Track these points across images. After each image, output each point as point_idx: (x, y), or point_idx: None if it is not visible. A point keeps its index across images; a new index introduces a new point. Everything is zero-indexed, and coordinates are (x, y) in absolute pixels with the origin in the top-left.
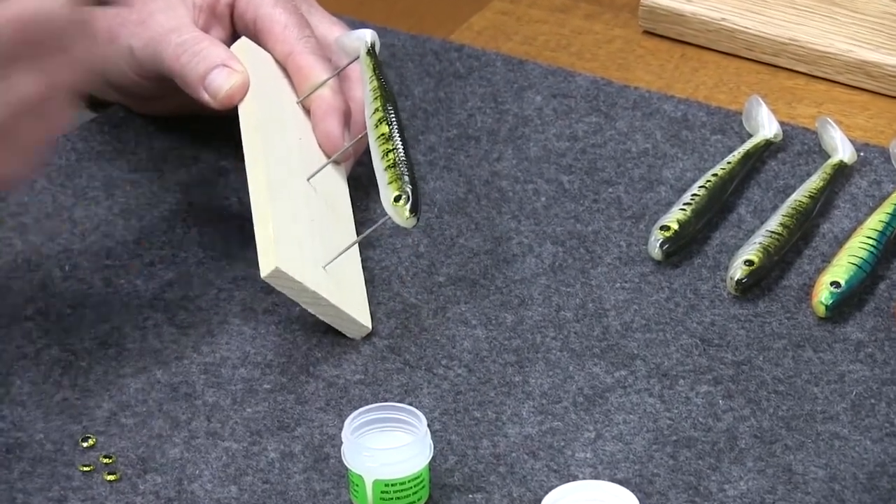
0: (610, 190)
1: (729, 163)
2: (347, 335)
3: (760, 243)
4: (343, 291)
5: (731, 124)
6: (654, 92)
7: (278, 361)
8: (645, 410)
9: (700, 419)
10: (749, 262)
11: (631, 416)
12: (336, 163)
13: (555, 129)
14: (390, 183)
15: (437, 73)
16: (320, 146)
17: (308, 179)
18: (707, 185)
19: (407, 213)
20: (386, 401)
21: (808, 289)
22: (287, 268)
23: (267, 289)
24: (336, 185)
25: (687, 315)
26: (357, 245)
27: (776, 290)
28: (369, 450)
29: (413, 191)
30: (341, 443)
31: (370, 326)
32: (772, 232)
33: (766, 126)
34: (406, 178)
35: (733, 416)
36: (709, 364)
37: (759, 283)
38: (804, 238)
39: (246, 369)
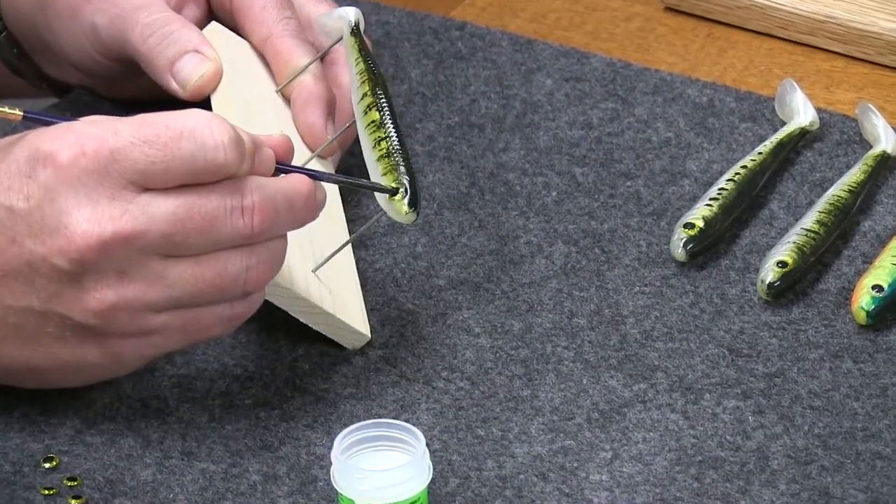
0: (628, 184)
1: (760, 153)
2: (344, 346)
3: (795, 243)
4: (338, 298)
5: (763, 111)
6: (676, 75)
7: (260, 373)
8: (667, 428)
9: (728, 437)
10: (782, 264)
11: (651, 433)
12: (321, 157)
13: (567, 116)
14: (384, 174)
15: (436, 53)
16: (302, 139)
17: None
18: (736, 179)
19: (405, 208)
20: (380, 417)
21: (847, 293)
22: (281, 277)
23: None
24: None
25: (713, 322)
26: (350, 246)
27: (812, 294)
28: (362, 471)
29: (411, 182)
30: (330, 464)
31: (369, 335)
32: (807, 230)
33: (801, 113)
34: (402, 169)
35: (764, 434)
36: (737, 376)
37: (793, 286)
38: (843, 237)
39: (224, 382)
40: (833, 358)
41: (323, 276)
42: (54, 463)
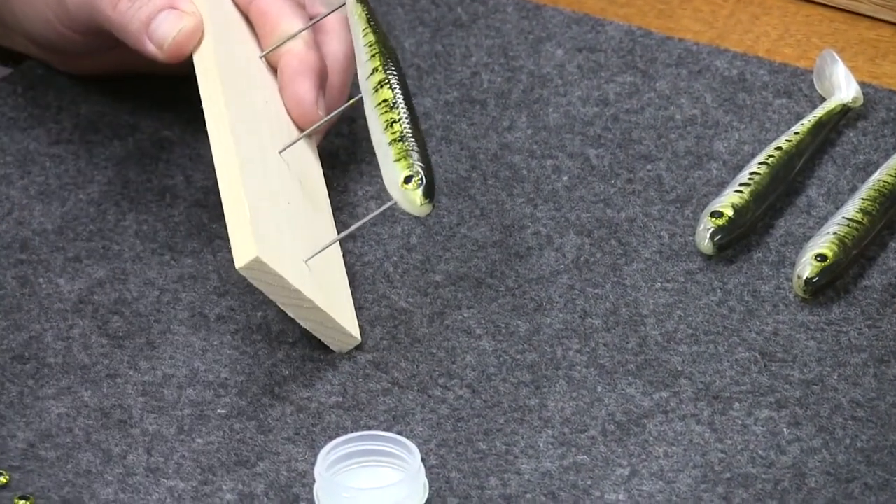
0: (648, 167)
1: (797, 133)
2: (331, 347)
3: (835, 234)
4: (328, 293)
5: (800, 85)
6: (703, 45)
7: (235, 380)
8: (691, 441)
9: (760, 452)
10: (821, 258)
11: (674, 448)
12: (308, 137)
13: (580, 90)
14: (397, 160)
15: (433, 20)
16: (289, 113)
17: (280, 153)
18: (769, 162)
19: (420, 198)
20: (370, 429)
21: (894, 290)
22: (269, 258)
23: (220, 290)
24: (308, 162)
25: (743, 323)
26: (337, 242)
27: (854, 291)
28: (349, 490)
29: (426, 170)
30: (314, 481)
31: (359, 337)
32: (849, 220)
33: (842, 87)
34: (416, 155)
35: (801, 449)
36: (771, 384)
37: (833, 283)
38: (890, 227)
39: (195, 390)
40: (878, 363)
41: (314, 267)
42: (4, 480)
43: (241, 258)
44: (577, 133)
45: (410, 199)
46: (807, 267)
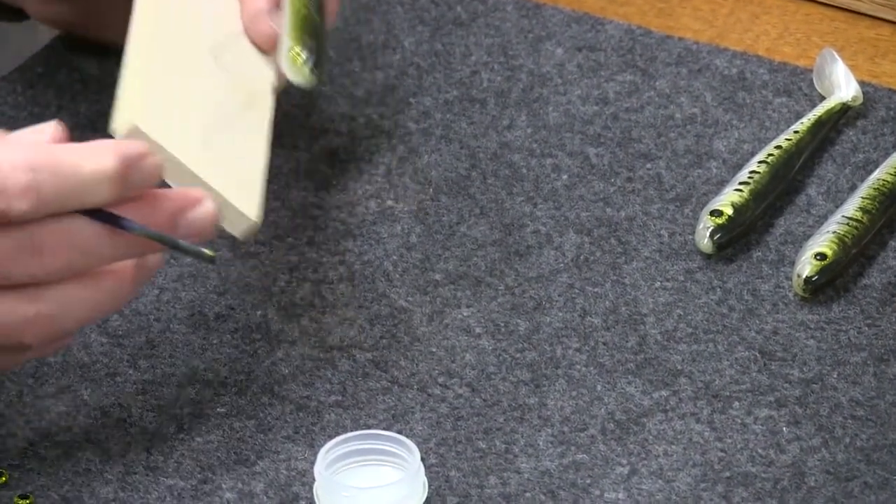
0: (648, 166)
1: (796, 132)
2: (230, 231)
3: (835, 232)
4: (228, 172)
5: (799, 84)
6: (703, 44)
7: (235, 379)
8: (691, 440)
9: (759, 451)
10: (821, 256)
11: (674, 446)
12: (264, 51)
13: (579, 89)
14: (290, 37)
15: (432, 19)
16: (243, 19)
17: (215, 56)
18: (769, 160)
19: (302, 62)
20: (369, 428)
21: (893, 289)
22: (149, 127)
23: (220, 289)
24: (258, 77)
25: (743, 322)
26: (265, 130)
27: (854, 290)
28: (349, 489)
29: (316, 47)
30: (313, 480)
31: (257, 220)
32: (849, 218)
33: (842, 86)
34: (309, 35)
35: (800, 447)
36: (770, 383)
37: (833, 281)
38: (889, 226)
39: (194, 389)
40: (877, 362)
41: (218, 150)
42: (3, 479)
43: (117, 122)
44: (576, 132)
45: (293, 65)
46: (806, 266)
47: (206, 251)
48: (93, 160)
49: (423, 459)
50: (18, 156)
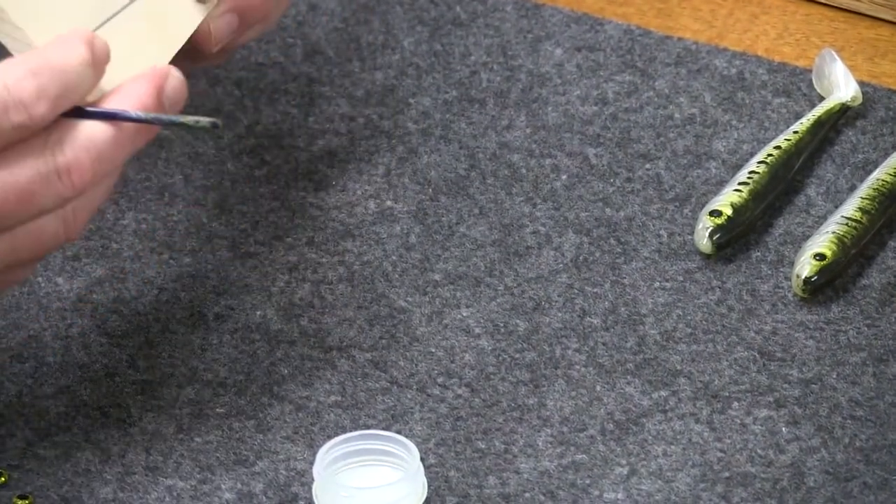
0: (647, 166)
1: (795, 132)
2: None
3: (834, 233)
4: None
5: (799, 84)
6: (702, 44)
7: (234, 379)
8: (690, 440)
9: (759, 451)
10: (820, 257)
11: (673, 447)
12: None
13: (579, 89)
14: None
15: (432, 19)
16: None
17: None
18: (768, 161)
19: None
20: (368, 428)
21: (893, 289)
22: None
23: (219, 289)
24: (178, 16)
25: (742, 322)
26: (171, 49)
27: (854, 290)
28: (348, 489)
29: None
30: (312, 480)
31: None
32: (848, 219)
33: (841, 87)
34: None
35: (800, 448)
36: (769, 383)
37: (832, 282)
38: (889, 226)
39: (193, 389)
40: (877, 362)
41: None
42: (2, 479)
43: None
44: (575, 132)
45: None
46: (806, 266)
47: (207, 119)
48: (72, 52)
49: (422, 459)
50: (17, 69)
